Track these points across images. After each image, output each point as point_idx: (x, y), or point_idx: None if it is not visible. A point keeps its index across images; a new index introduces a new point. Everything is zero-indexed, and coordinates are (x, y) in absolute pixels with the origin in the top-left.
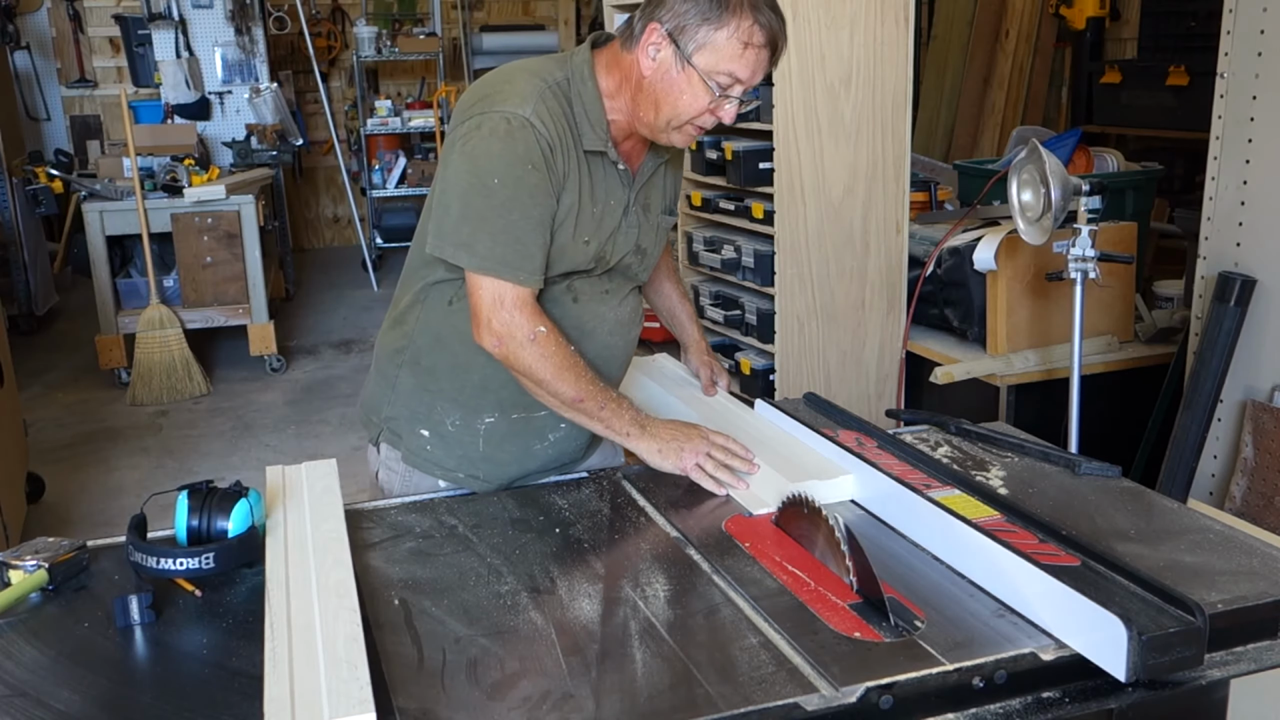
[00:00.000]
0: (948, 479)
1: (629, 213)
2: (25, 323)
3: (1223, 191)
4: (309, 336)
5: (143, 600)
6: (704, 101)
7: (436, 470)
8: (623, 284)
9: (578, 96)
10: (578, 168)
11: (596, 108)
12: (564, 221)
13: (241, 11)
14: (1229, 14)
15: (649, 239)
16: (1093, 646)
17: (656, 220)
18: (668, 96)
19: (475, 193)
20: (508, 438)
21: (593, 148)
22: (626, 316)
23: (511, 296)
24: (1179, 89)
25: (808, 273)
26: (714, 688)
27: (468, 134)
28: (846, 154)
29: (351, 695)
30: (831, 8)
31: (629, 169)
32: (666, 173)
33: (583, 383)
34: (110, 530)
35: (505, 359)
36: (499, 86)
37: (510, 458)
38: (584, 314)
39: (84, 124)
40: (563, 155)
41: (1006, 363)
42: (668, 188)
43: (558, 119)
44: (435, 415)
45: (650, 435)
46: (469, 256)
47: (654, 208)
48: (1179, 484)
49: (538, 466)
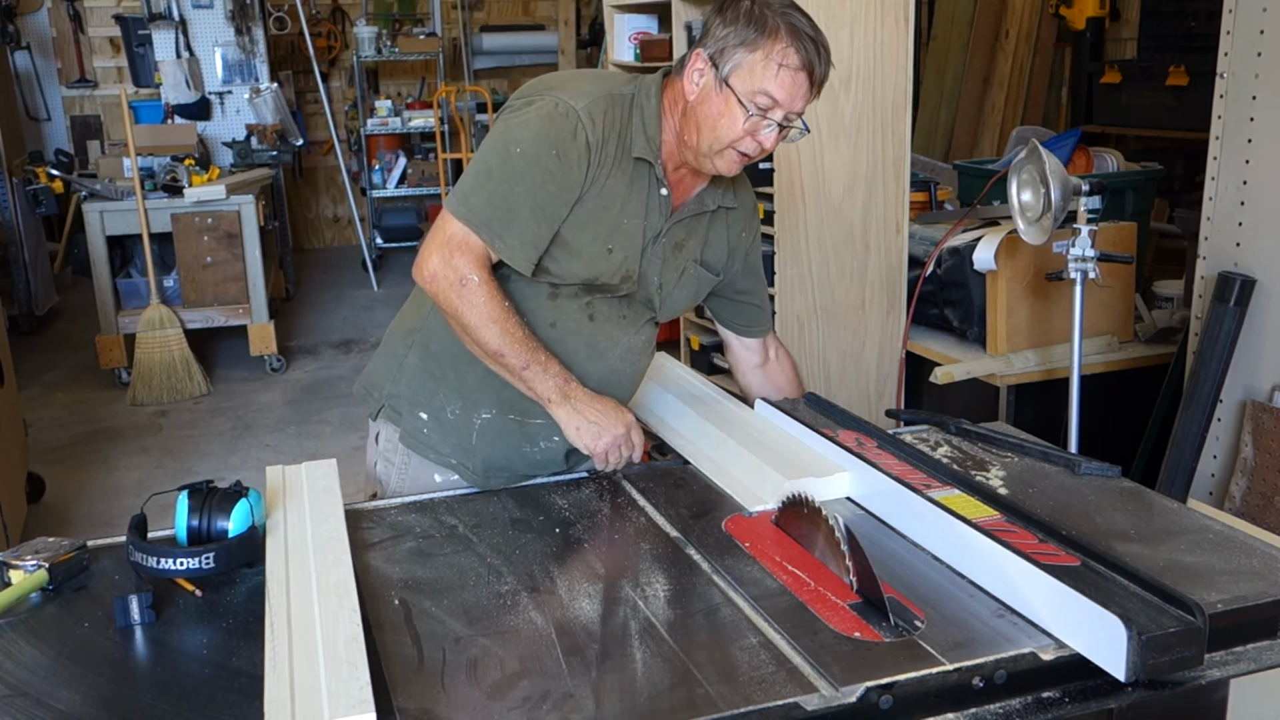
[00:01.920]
0: (948, 479)
1: (658, 241)
2: (25, 323)
3: (1223, 191)
4: (309, 336)
5: (143, 600)
6: (740, 123)
7: (431, 454)
8: (641, 313)
9: (639, 108)
10: (620, 175)
11: (654, 121)
12: (586, 222)
13: (241, 11)
14: (1229, 14)
15: (672, 278)
16: (1093, 646)
17: (685, 264)
18: (708, 119)
19: (495, 154)
20: (501, 436)
21: (641, 154)
22: (639, 346)
23: (463, 244)
24: (1179, 89)
25: (808, 273)
26: (714, 688)
27: (518, 109)
28: (846, 154)
29: (351, 695)
30: (831, 8)
31: (671, 196)
32: (718, 226)
33: (507, 339)
34: (110, 530)
35: (434, 297)
36: (566, 81)
37: (501, 456)
38: (598, 334)
39: (84, 124)
40: (604, 157)
41: (1006, 363)
42: (715, 241)
43: (611, 123)
44: (437, 401)
45: (572, 407)
46: (459, 204)
47: (687, 251)
48: (1179, 484)
49: (528, 469)
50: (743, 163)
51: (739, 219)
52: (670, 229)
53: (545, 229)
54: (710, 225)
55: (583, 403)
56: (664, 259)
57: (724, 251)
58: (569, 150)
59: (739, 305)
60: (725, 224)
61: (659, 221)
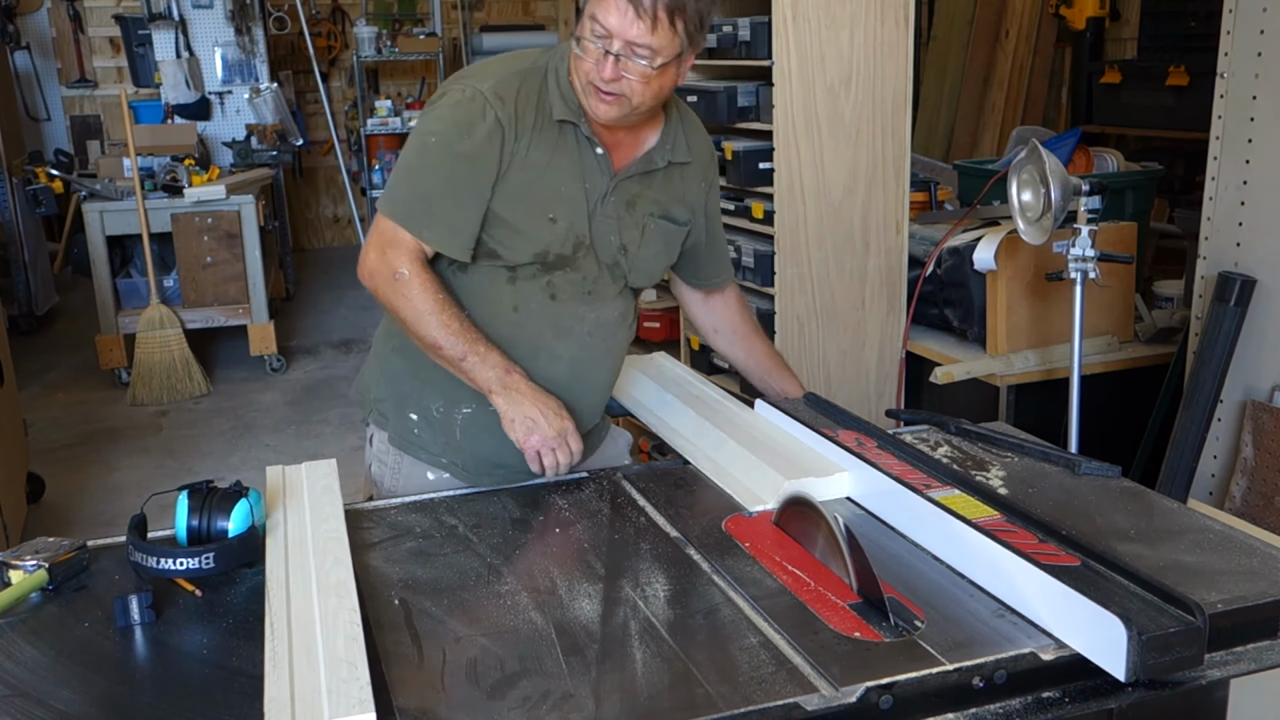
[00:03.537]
0: (948, 479)
1: (606, 201)
2: (25, 323)
3: (1223, 191)
4: (309, 336)
5: (143, 600)
6: (591, 58)
7: (422, 454)
8: (608, 284)
9: (553, 74)
10: (545, 144)
11: (567, 82)
12: (519, 196)
13: (241, 11)
14: (1229, 14)
15: (634, 236)
16: (1092, 646)
17: (644, 221)
18: (575, 59)
19: (413, 148)
20: (485, 429)
21: (563, 117)
22: (612, 319)
23: (394, 239)
24: (1179, 89)
25: (808, 273)
26: (714, 688)
27: (433, 103)
28: (846, 154)
29: (351, 695)
30: (831, 8)
31: (607, 154)
32: (673, 181)
33: (443, 330)
34: (110, 530)
35: (375, 294)
36: (475, 70)
37: (488, 450)
38: (563, 313)
39: (84, 124)
40: (520, 130)
41: (1006, 363)
42: (673, 196)
43: (526, 96)
44: (423, 400)
45: (509, 398)
46: (386, 201)
47: (642, 207)
48: (1179, 484)
49: (520, 462)
50: (604, 101)
51: (695, 172)
52: (617, 187)
53: (471, 212)
54: (665, 181)
55: (523, 395)
56: (618, 218)
57: (684, 205)
58: (479, 130)
59: (700, 259)
60: (681, 178)
61: (602, 181)
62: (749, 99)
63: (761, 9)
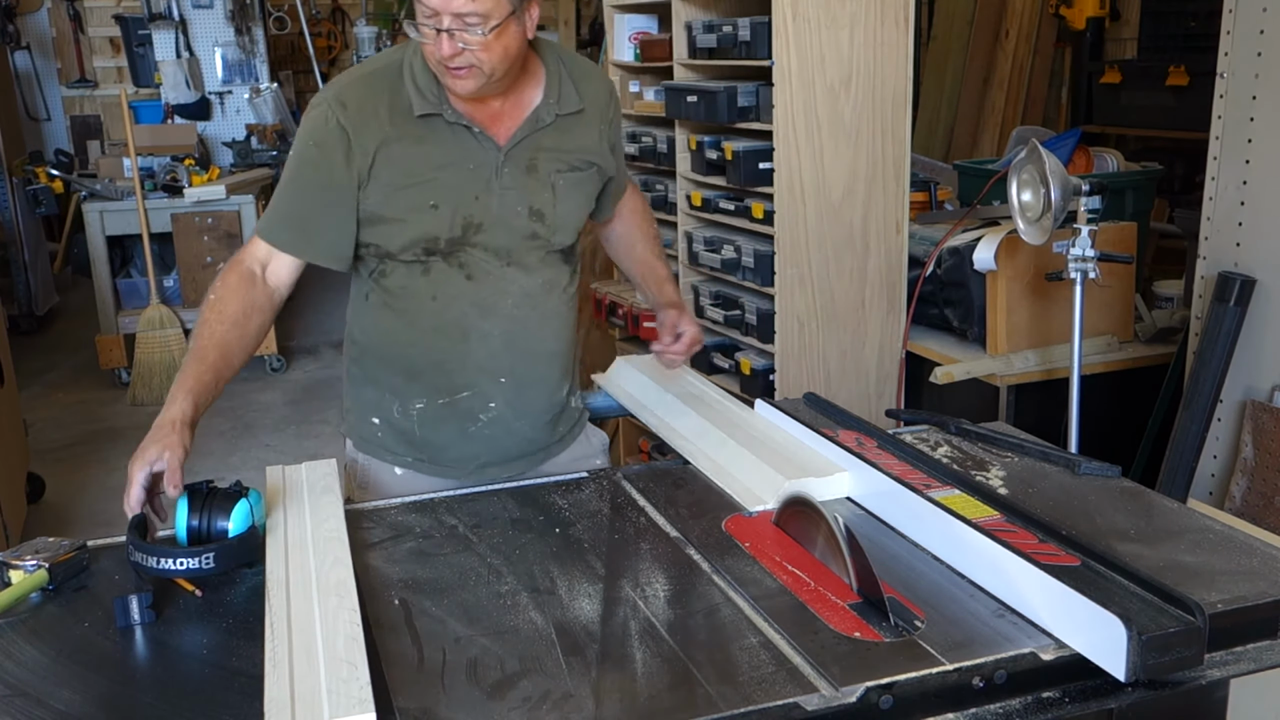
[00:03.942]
0: (948, 479)
1: (500, 175)
2: (25, 323)
3: (1223, 191)
4: (309, 336)
5: (143, 600)
6: (429, 41)
7: (386, 455)
8: (529, 251)
9: (408, 67)
10: (409, 138)
11: (426, 75)
12: (393, 192)
13: (241, 11)
14: (1229, 14)
15: (544, 200)
16: (1092, 646)
17: (551, 180)
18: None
19: (284, 169)
20: (440, 421)
21: (423, 111)
22: (537, 287)
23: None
24: (1179, 89)
25: (808, 273)
26: (714, 688)
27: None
28: (846, 154)
29: (351, 695)
30: (831, 8)
31: (486, 130)
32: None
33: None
34: (110, 530)
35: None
36: (338, 77)
37: (447, 441)
38: (482, 290)
39: (84, 124)
40: (372, 131)
41: (1006, 363)
42: (574, 145)
43: (377, 95)
44: (383, 404)
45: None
46: (263, 227)
47: (545, 165)
48: (1179, 484)
49: (484, 450)
50: (458, 78)
51: (592, 118)
52: (509, 157)
53: (340, 220)
54: (560, 135)
55: (161, 417)
56: (521, 186)
57: (587, 153)
58: (325, 140)
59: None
60: (578, 127)
61: (490, 157)
62: (749, 99)
63: (761, 9)
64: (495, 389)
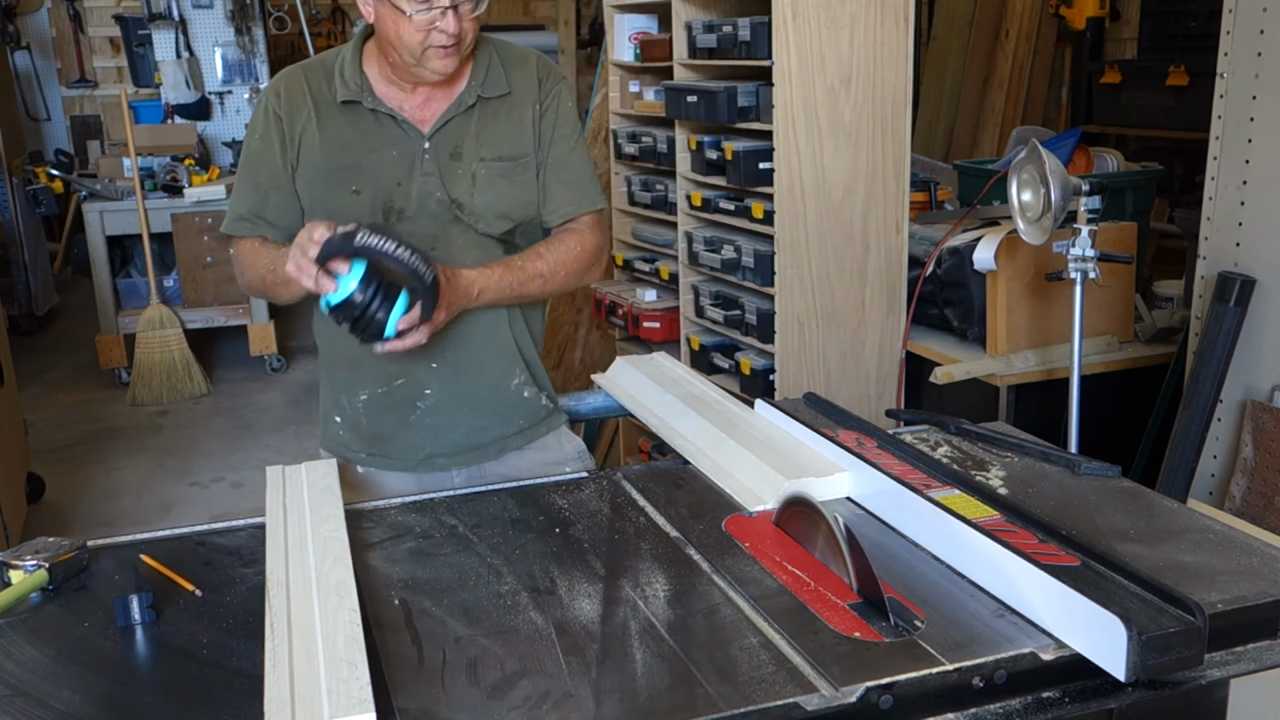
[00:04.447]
0: (948, 479)
1: (423, 163)
2: (25, 323)
3: (1223, 191)
4: (309, 336)
5: (143, 600)
6: (415, 25)
7: (346, 451)
8: (455, 238)
9: (339, 60)
10: (334, 125)
11: (353, 65)
12: (316, 177)
13: (241, 11)
14: (1229, 14)
15: (463, 189)
16: (1092, 646)
17: (472, 169)
18: (391, 35)
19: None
20: (383, 410)
21: (344, 98)
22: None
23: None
24: (1179, 89)
25: (808, 273)
26: (714, 688)
27: None
28: (846, 154)
29: (351, 695)
30: (831, 8)
31: (410, 118)
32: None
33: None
34: (110, 530)
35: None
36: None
37: (391, 430)
38: None
39: (84, 124)
40: (300, 118)
41: (1006, 363)
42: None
43: (312, 84)
44: (340, 401)
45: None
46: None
47: (468, 154)
48: (1179, 484)
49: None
50: (447, 56)
51: (520, 102)
52: (434, 143)
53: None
54: (484, 121)
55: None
56: (441, 174)
57: (515, 139)
58: (264, 127)
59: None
60: (504, 113)
61: (412, 144)
62: (749, 99)
63: (761, 9)
64: (429, 375)
